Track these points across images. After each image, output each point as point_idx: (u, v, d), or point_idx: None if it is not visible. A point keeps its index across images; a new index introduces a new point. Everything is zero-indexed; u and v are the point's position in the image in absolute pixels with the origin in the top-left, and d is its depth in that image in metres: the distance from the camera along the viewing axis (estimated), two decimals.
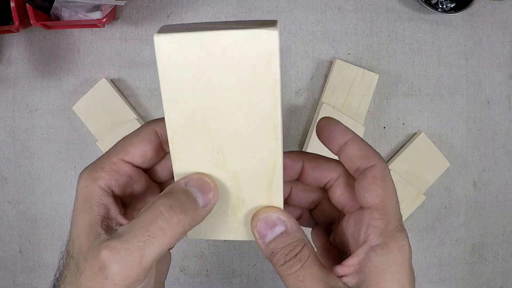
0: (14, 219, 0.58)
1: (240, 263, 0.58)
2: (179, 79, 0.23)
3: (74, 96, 0.57)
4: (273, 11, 0.57)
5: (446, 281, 0.59)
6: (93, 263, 0.23)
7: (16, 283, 0.58)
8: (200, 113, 0.23)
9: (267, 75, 0.22)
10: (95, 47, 0.57)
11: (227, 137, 0.24)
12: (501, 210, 0.60)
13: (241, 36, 0.21)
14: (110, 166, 0.26)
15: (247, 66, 0.22)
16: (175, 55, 0.22)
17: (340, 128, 0.27)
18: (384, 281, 0.24)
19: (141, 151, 0.27)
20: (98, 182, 0.25)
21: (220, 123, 0.24)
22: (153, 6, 0.57)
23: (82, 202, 0.25)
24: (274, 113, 0.23)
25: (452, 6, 0.57)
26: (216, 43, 0.22)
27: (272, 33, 0.21)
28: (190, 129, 0.24)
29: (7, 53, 0.57)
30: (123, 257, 0.22)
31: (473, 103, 0.59)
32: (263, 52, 0.22)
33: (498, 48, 0.59)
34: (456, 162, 0.59)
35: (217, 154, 0.25)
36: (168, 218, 0.23)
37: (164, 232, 0.23)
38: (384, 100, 0.58)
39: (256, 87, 0.23)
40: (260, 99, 0.23)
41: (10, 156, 0.57)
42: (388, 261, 0.24)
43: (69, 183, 0.57)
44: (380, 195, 0.25)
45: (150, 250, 0.22)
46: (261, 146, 0.24)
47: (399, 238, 0.24)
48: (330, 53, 0.57)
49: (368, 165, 0.26)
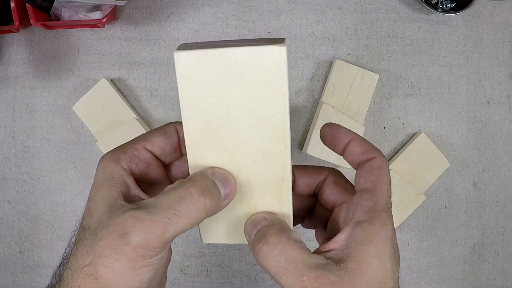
0: (14, 219, 0.58)
1: (240, 263, 0.58)
2: (196, 91, 0.25)
3: (74, 96, 0.57)
4: (273, 11, 0.57)
5: (446, 281, 0.59)
6: (115, 229, 0.24)
7: (16, 283, 0.58)
8: (214, 122, 0.26)
9: (276, 88, 0.24)
10: (95, 47, 0.57)
11: (239, 145, 0.26)
12: (501, 210, 0.60)
13: (253, 52, 0.24)
14: (132, 151, 0.28)
15: (258, 79, 0.24)
16: (193, 69, 0.25)
17: (342, 130, 0.29)
18: (367, 254, 0.24)
19: (161, 142, 0.29)
20: (120, 163, 0.27)
21: (233, 132, 0.26)
22: (153, 6, 0.57)
23: (103, 180, 0.27)
24: (283, 123, 0.25)
25: (452, 6, 0.57)
26: (230, 59, 0.24)
27: (281, 49, 0.24)
28: (206, 137, 0.26)
29: (7, 53, 0.57)
30: (147, 227, 0.23)
31: (473, 103, 0.59)
32: (272, 67, 0.24)
33: (498, 48, 0.59)
34: (456, 162, 0.59)
35: (231, 161, 0.27)
36: (196, 200, 0.25)
37: (189, 212, 0.24)
38: (384, 100, 0.58)
39: (266, 99, 0.25)
40: (270, 110, 0.25)
41: (10, 156, 0.57)
42: (372, 236, 0.25)
43: (69, 183, 0.57)
44: (373, 181, 0.27)
45: (173, 226, 0.24)
46: (271, 154, 0.26)
47: (383, 217, 0.26)
48: (330, 53, 0.57)
49: (368, 158, 0.28)
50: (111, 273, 0.23)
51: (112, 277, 0.23)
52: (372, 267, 0.24)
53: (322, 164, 0.57)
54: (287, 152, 0.26)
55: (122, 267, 0.23)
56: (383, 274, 0.24)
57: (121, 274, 0.23)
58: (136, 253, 0.23)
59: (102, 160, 0.28)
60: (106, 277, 0.23)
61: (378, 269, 0.24)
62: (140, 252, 0.23)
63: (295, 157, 0.58)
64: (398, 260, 0.26)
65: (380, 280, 0.24)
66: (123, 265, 0.23)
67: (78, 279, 0.24)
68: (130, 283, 0.24)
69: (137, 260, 0.24)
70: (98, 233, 0.24)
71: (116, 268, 0.23)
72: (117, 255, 0.23)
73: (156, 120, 0.57)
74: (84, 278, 0.24)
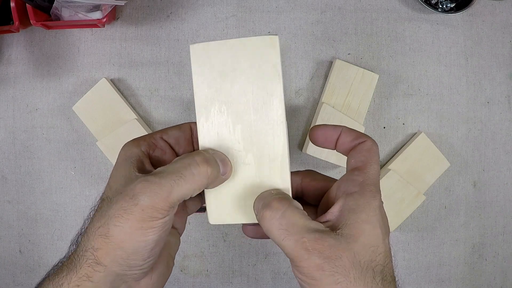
0: (14, 219, 0.58)
1: (240, 263, 0.58)
2: (209, 77, 0.31)
3: (74, 96, 0.57)
4: (273, 11, 0.57)
5: (446, 281, 0.59)
6: (127, 193, 0.27)
7: (16, 283, 0.58)
8: (221, 101, 0.31)
9: (274, 74, 0.30)
10: (95, 47, 0.57)
11: (243, 128, 0.31)
12: (501, 210, 0.60)
13: (254, 39, 0.30)
14: (150, 139, 0.33)
15: (259, 66, 0.30)
16: (206, 59, 0.31)
17: (330, 128, 0.32)
18: (359, 220, 0.27)
19: (176, 135, 0.34)
20: (140, 147, 0.32)
21: (238, 116, 0.31)
22: (153, 6, 0.57)
23: (123, 159, 0.31)
24: (279, 112, 0.30)
25: (452, 6, 0.57)
26: (237, 47, 0.30)
27: (274, 37, 0.30)
28: (216, 118, 0.31)
29: (7, 53, 0.57)
30: (155, 189, 0.26)
31: (473, 103, 0.59)
32: (269, 52, 0.30)
33: (498, 48, 0.59)
34: (456, 162, 0.59)
35: (236, 139, 0.31)
36: (200, 167, 0.28)
37: (193, 177, 0.28)
38: (384, 100, 0.58)
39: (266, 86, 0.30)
40: (267, 95, 0.30)
41: (10, 156, 0.57)
42: (363, 205, 0.28)
43: (69, 183, 0.57)
44: (363, 161, 0.30)
45: (178, 189, 0.27)
46: (271, 136, 0.30)
47: (372, 190, 0.28)
48: (330, 53, 0.57)
49: (358, 142, 0.31)
50: (120, 232, 0.26)
51: (121, 236, 0.26)
52: (364, 232, 0.27)
53: (322, 164, 0.57)
54: (283, 128, 0.30)
55: (130, 227, 0.26)
56: (374, 239, 0.27)
57: (129, 234, 0.26)
58: (144, 213, 0.26)
59: (124, 146, 0.32)
60: (115, 236, 0.26)
61: (370, 233, 0.27)
62: (148, 212, 0.26)
63: (295, 157, 0.58)
64: (387, 227, 0.29)
65: (372, 244, 0.27)
66: (131, 225, 0.26)
67: (93, 240, 0.27)
68: (137, 243, 0.26)
69: (145, 221, 0.26)
70: (114, 199, 0.27)
71: (125, 227, 0.26)
72: (127, 215, 0.26)
73: (156, 120, 0.57)
74: (97, 239, 0.27)
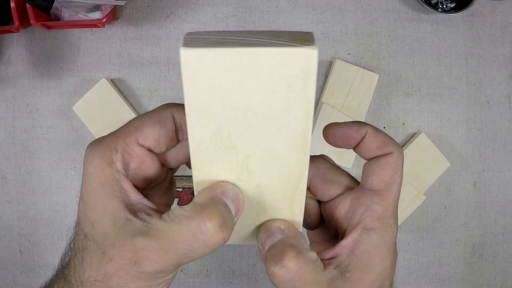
0: (14, 219, 0.58)
1: (240, 263, 0.58)
2: (207, 94, 0.21)
3: (74, 96, 0.56)
4: (273, 11, 0.57)
5: (446, 281, 0.59)
6: (126, 254, 0.23)
7: (16, 283, 0.58)
8: (227, 129, 0.23)
9: (302, 94, 0.21)
10: (95, 47, 0.57)
11: (254, 153, 0.24)
12: (501, 210, 0.60)
13: (278, 54, 0.20)
14: (124, 147, 0.25)
15: (281, 85, 0.21)
16: (203, 70, 0.21)
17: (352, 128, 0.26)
18: (372, 264, 0.25)
19: (155, 133, 0.25)
20: (115, 166, 0.25)
21: (247, 140, 0.23)
22: (153, 6, 0.57)
23: (99, 185, 0.25)
24: (305, 132, 0.23)
25: (452, 6, 0.57)
26: (249, 60, 0.20)
27: (313, 53, 0.20)
28: (215, 145, 0.23)
29: (7, 53, 0.57)
30: (162, 258, 0.23)
31: (473, 103, 0.59)
32: (300, 72, 0.20)
33: (498, 48, 0.59)
34: (456, 162, 0.59)
35: (242, 169, 0.24)
36: (215, 236, 0.23)
37: (206, 247, 0.23)
38: (384, 100, 0.58)
39: (288, 106, 0.22)
40: (292, 118, 0.22)
41: (10, 156, 0.57)
42: (378, 246, 0.25)
43: (69, 183, 0.57)
44: (386, 182, 0.25)
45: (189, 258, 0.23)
46: (289, 162, 0.24)
47: (391, 224, 0.26)
48: (330, 53, 0.57)
49: (383, 153, 0.26)
50: None
51: None
52: (374, 275, 0.25)
53: None
54: (306, 161, 0.24)
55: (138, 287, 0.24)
56: (383, 278, 0.25)
57: None
58: (151, 276, 0.23)
59: (92, 158, 0.25)
60: None
61: (379, 275, 0.25)
62: (156, 275, 0.24)
63: None
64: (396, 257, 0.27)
65: (378, 284, 0.25)
66: (139, 285, 0.23)
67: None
68: None
69: (152, 280, 0.24)
70: (106, 250, 0.23)
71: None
72: (132, 278, 0.23)
73: None
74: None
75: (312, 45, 0.20)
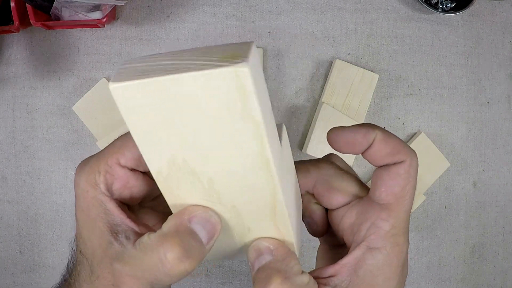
0: (14, 219, 0.58)
1: (240, 263, 0.58)
2: (149, 125, 0.20)
3: (74, 96, 0.56)
4: (273, 11, 0.57)
5: (446, 281, 0.59)
6: (107, 276, 0.24)
7: (16, 283, 0.58)
8: (181, 155, 0.21)
9: (245, 115, 0.19)
10: (95, 47, 0.57)
11: (216, 177, 0.22)
12: (501, 210, 0.60)
13: (203, 77, 0.18)
14: (106, 169, 0.25)
15: (220, 108, 0.19)
16: (137, 103, 0.19)
17: (360, 132, 0.24)
18: (375, 285, 0.23)
19: (135, 154, 0.25)
20: (99, 188, 0.25)
21: (205, 165, 0.21)
22: (153, 6, 0.57)
23: (86, 208, 0.25)
24: (263, 151, 0.20)
25: (452, 6, 0.57)
26: (176, 87, 0.18)
27: (243, 71, 0.17)
28: (174, 171, 0.22)
29: (7, 53, 0.57)
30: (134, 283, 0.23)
31: (473, 103, 0.59)
32: (235, 92, 0.18)
33: (498, 48, 0.59)
34: (456, 162, 0.59)
35: (210, 192, 0.23)
36: (174, 267, 0.22)
37: (169, 277, 0.23)
38: (384, 100, 0.58)
39: (235, 129, 0.19)
40: (243, 140, 0.20)
41: (10, 156, 0.57)
42: (383, 266, 0.23)
43: (69, 183, 0.57)
44: (396, 195, 0.23)
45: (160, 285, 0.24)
46: (256, 183, 0.22)
47: (400, 243, 0.23)
48: (330, 53, 0.57)
49: (394, 161, 0.24)
50: None
51: None
52: None
53: None
54: (275, 181, 0.21)
55: None
56: None
57: None
58: None
59: (79, 180, 0.25)
60: None
61: None
62: None
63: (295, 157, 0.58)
64: (406, 276, 0.25)
65: None
66: None
67: None
68: None
69: None
70: (94, 268, 0.25)
71: None
72: None
73: None
74: None
75: (244, 61, 0.17)
